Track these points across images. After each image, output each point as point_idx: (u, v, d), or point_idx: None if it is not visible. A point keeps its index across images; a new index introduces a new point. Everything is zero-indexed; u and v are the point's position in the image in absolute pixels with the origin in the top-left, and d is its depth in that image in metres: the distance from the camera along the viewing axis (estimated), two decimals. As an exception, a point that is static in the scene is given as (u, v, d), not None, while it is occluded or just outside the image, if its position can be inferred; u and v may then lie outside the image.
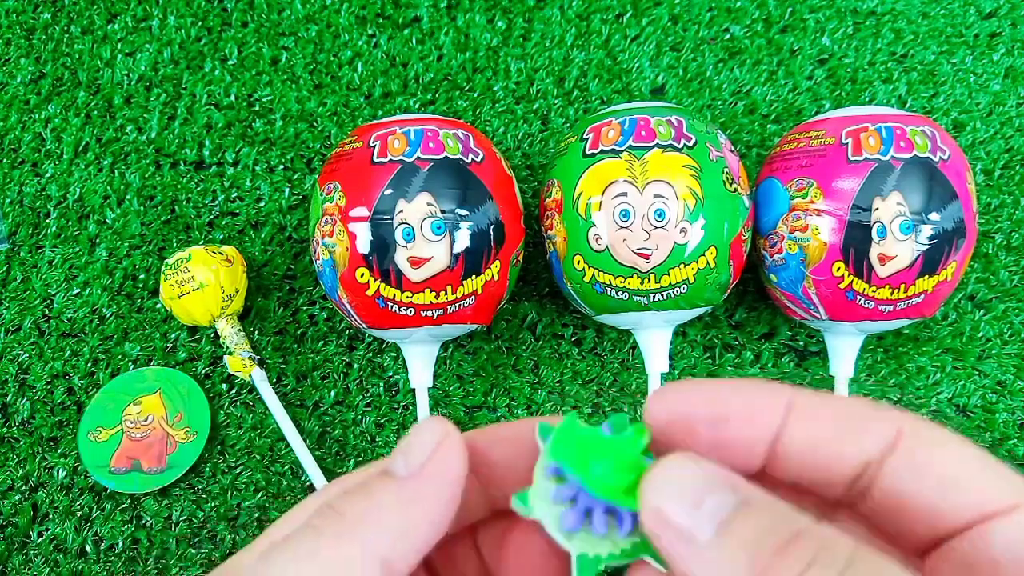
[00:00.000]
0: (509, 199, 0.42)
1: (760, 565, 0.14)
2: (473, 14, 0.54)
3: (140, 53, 0.54)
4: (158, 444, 0.45)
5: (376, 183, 0.39)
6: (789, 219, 0.41)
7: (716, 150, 0.40)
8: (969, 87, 0.53)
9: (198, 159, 0.51)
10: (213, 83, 0.53)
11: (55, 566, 0.44)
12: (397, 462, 0.17)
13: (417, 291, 0.39)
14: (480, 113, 0.52)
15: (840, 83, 0.53)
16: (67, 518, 0.44)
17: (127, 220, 0.50)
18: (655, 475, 0.16)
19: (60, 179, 0.51)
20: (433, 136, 0.40)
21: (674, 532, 0.15)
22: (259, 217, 0.50)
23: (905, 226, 0.38)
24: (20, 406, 0.47)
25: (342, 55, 0.54)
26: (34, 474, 0.45)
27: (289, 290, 0.49)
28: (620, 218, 0.39)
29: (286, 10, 0.55)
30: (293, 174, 0.51)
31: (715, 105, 0.52)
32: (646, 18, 0.54)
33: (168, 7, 0.55)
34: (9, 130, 0.52)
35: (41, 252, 0.50)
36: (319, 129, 0.52)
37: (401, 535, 0.16)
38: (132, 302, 0.49)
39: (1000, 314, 0.48)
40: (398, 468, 0.17)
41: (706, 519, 0.15)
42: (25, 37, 0.54)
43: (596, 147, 0.40)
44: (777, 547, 0.14)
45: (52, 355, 0.48)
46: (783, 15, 0.54)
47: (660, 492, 0.16)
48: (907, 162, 0.38)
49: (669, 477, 0.16)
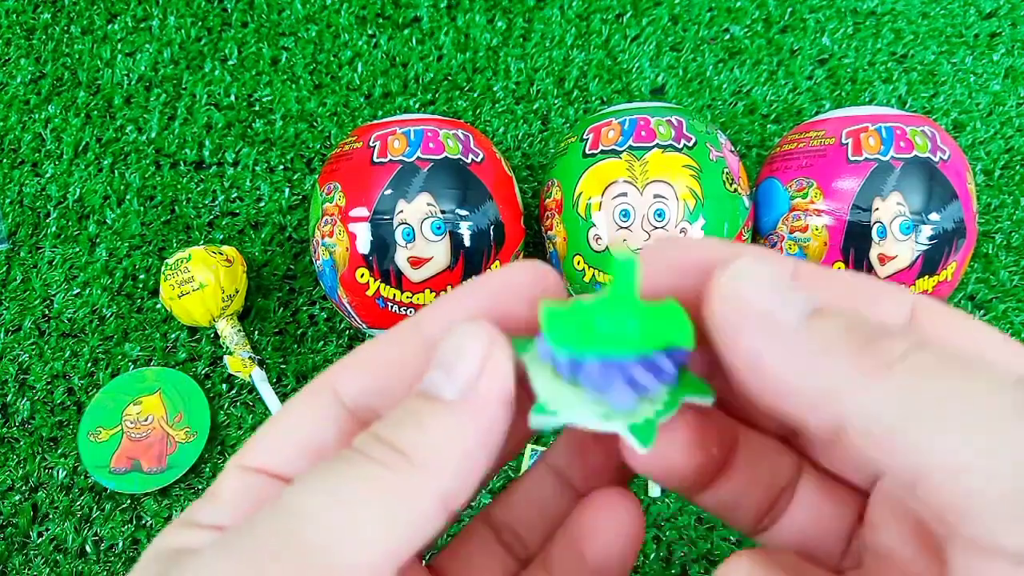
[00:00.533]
0: (509, 199, 0.42)
1: (856, 347, 0.13)
2: (473, 14, 0.54)
3: (140, 53, 0.54)
4: (158, 444, 0.45)
5: (376, 183, 0.39)
6: (789, 219, 0.41)
7: (716, 150, 0.40)
8: (969, 87, 0.53)
9: (198, 159, 0.51)
10: (213, 83, 0.53)
11: (55, 566, 0.44)
12: (442, 381, 0.15)
13: (417, 291, 0.39)
14: (480, 113, 0.52)
15: (840, 83, 0.53)
16: (67, 518, 0.44)
17: (127, 220, 0.50)
18: (736, 267, 0.14)
19: (60, 179, 0.51)
20: (433, 136, 0.40)
21: (757, 321, 0.14)
22: (259, 217, 0.50)
23: (905, 226, 0.38)
24: (20, 406, 0.47)
25: (342, 55, 0.54)
26: (34, 474, 0.45)
27: (289, 290, 0.49)
28: (620, 218, 0.39)
29: (286, 10, 0.55)
30: (293, 174, 0.51)
31: (715, 105, 0.52)
32: (646, 18, 0.54)
33: (168, 7, 0.55)
34: (9, 130, 0.52)
35: (41, 252, 0.50)
36: (319, 129, 0.52)
37: (465, 471, 0.15)
38: (132, 302, 0.49)
39: (1000, 314, 0.48)
40: (444, 390, 0.15)
41: (792, 308, 0.14)
42: (25, 37, 0.54)
43: (596, 147, 0.40)
44: (868, 337, 0.13)
45: (52, 355, 0.48)
46: (783, 15, 0.54)
47: (742, 280, 0.14)
48: (907, 162, 0.38)
49: (749, 269, 0.14)
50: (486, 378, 0.15)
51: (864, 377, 0.13)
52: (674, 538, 0.45)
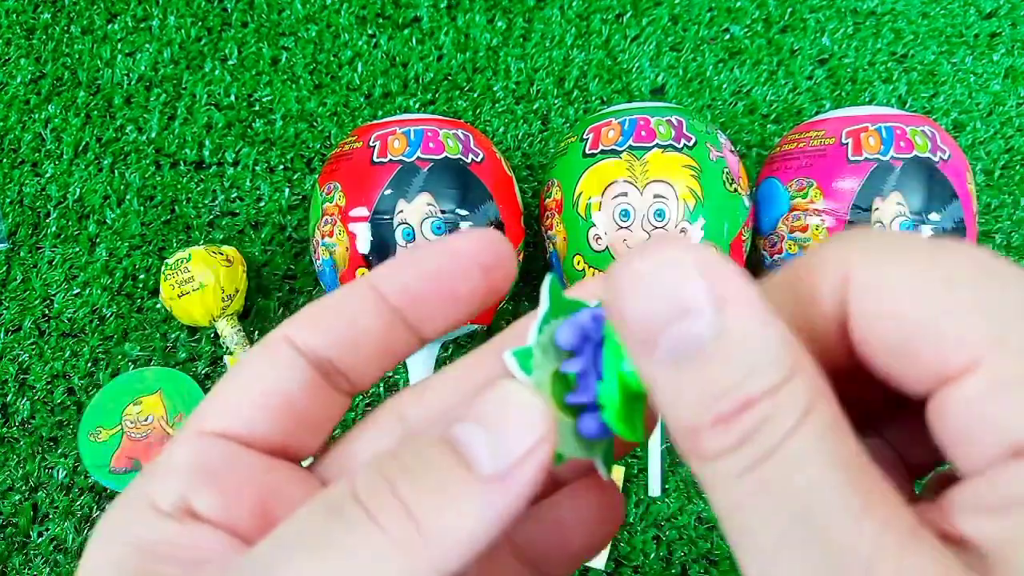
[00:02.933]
0: (509, 199, 0.42)
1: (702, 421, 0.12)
2: (473, 14, 0.54)
3: (140, 53, 0.54)
4: (158, 444, 0.45)
5: (376, 183, 0.39)
6: (789, 219, 0.41)
7: (716, 150, 0.40)
8: (969, 87, 0.53)
9: (198, 159, 0.51)
10: (213, 83, 0.53)
11: (55, 566, 0.44)
12: (480, 445, 0.13)
13: (417, 291, 0.39)
14: (480, 113, 0.52)
15: (840, 83, 0.53)
16: (67, 518, 0.44)
17: (127, 220, 0.50)
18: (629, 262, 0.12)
19: (60, 179, 0.51)
20: (433, 136, 0.40)
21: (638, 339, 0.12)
22: (259, 217, 0.50)
23: (905, 226, 0.38)
24: (20, 406, 0.47)
25: (342, 55, 0.54)
26: (34, 474, 0.45)
27: (289, 290, 0.49)
28: (620, 218, 0.39)
29: (286, 10, 0.55)
30: (293, 174, 0.51)
31: (715, 105, 0.52)
32: (646, 18, 0.54)
33: (168, 7, 0.55)
34: (9, 130, 0.52)
35: (41, 252, 0.50)
36: (319, 129, 0.52)
37: (472, 550, 0.13)
38: (132, 302, 0.49)
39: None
40: (481, 462, 0.13)
41: (679, 336, 0.12)
42: (25, 37, 0.54)
43: (596, 147, 0.40)
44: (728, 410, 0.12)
45: (52, 355, 0.48)
46: (783, 15, 0.54)
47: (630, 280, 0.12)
48: (907, 162, 0.38)
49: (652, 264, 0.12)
50: (530, 466, 0.13)
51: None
52: (674, 538, 0.45)
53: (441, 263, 0.16)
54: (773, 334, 0.12)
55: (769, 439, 0.11)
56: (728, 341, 0.12)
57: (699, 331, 0.12)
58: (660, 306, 0.12)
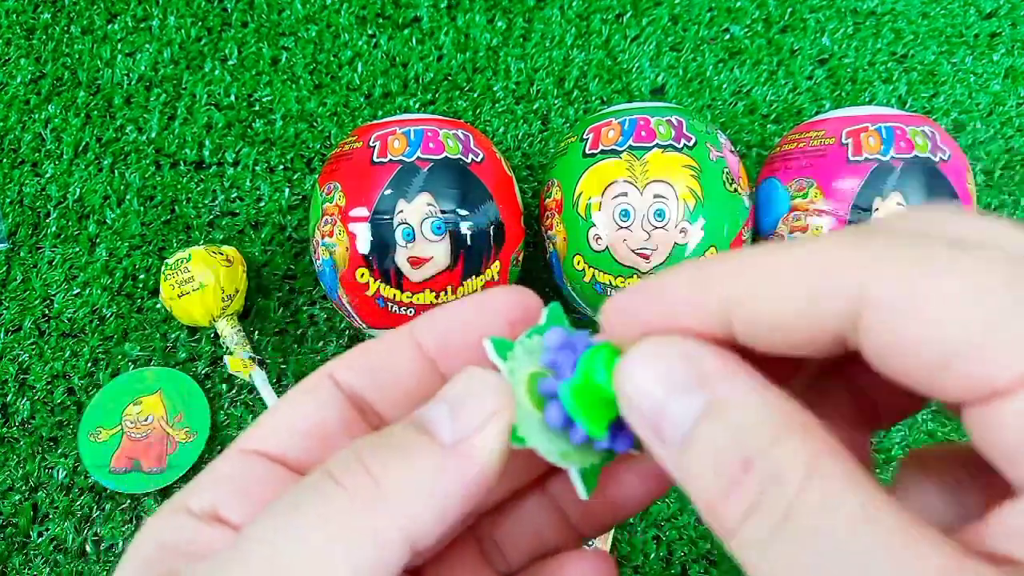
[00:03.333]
0: (509, 199, 0.42)
1: (714, 495, 0.12)
2: (473, 14, 0.54)
3: (140, 53, 0.54)
4: (158, 444, 0.45)
5: (376, 183, 0.39)
6: (789, 219, 0.41)
7: (716, 150, 0.40)
8: (969, 87, 0.53)
9: (198, 159, 0.51)
10: (213, 83, 0.53)
11: (55, 566, 0.44)
12: (442, 419, 0.15)
13: (417, 291, 0.39)
14: (480, 113, 0.52)
15: (840, 83, 0.53)
16: (67, 518, 0.44)
17: (127, 220, 0.50)
18: (627, 360, 0.14)
19: (60, 179, 0.51)
20: (433, 136, 0.40)
21: (646, 427, 0.14)
22: (259, 217, 0.50)
23: (905, 226, 0.38)
24: (20, 406, 0.47)
25: (342, 55, 0.54)
26: (34, 474, 0.45)
27: (289, 290, 0.49)
28: (620, 218, 0.39)
29: (286, 10, 0.55)
30: (293, 174, 0.51)
31: (715, 105, 0.52)
32: (646, 18, 0.54)
33: (168, 7, 0.55)
34: (9, 130, 0.52)
35: (41, 252, 0.50)
36: (319, 129, 0.52)
37: (436, 514, 0.14)
38: (132, 302, 0.49)
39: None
40: (443, 432, 0.15)
41: (677, 418, 0.13)
42: (25, 37, 0.54)
43: (596, 147, 0.40)
44: (732, 477, 0.12)
45: (52, 355, 0.48)
46: (783, 15, 0.54)
47: (630, 377, 0.14)
48: (907, 162, 0.38)
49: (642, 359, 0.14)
50: (487, 435, 0.15)
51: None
52: (674, 538, 0.45)
53: (471, 317, 0.17)
54: (756, 399, 0.13)
55: (780, 499, 0.12)
56: (718, 412, 0.13)
57: (690, 409, 0.13)
58: (657, 392, 0.14)
